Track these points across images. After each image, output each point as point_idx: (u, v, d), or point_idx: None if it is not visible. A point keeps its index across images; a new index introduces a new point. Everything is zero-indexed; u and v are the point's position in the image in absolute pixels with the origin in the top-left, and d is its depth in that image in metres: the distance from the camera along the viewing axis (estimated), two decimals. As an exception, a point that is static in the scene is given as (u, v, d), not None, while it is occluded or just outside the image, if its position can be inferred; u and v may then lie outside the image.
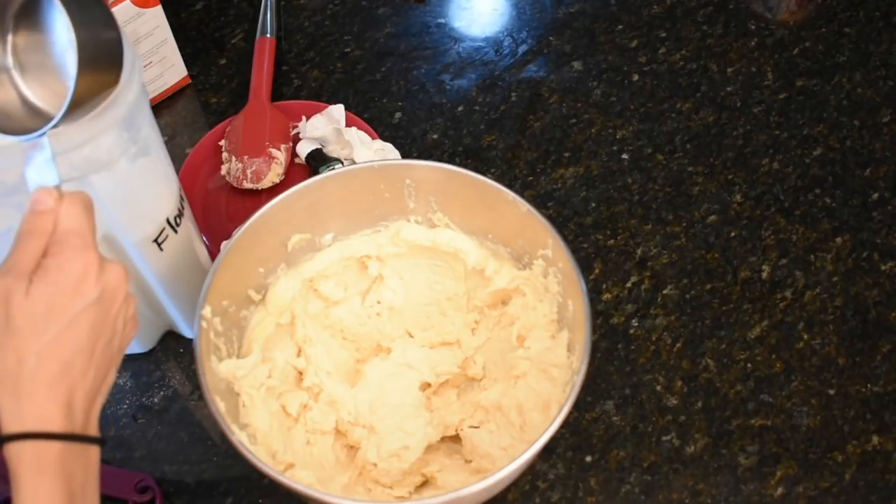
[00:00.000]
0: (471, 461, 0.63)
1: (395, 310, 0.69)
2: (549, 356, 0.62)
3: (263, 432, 0.58)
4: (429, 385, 0.67)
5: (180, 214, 0.64)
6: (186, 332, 0.72)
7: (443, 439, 0.65)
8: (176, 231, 0.63)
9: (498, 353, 0.67)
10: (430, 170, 0.65)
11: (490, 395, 0.64)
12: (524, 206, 0.61)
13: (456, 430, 0.65)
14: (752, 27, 0.97)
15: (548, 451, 0.67)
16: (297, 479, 0.55)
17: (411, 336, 0.70)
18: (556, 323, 0.63)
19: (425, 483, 0.63)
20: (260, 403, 0.59)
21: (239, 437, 0.53)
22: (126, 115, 0.53)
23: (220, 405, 0.54)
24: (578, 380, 0.54)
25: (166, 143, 0.62)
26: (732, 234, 0.80)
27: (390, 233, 0.68)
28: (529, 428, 0.60)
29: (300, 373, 0.66)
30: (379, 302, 0.69)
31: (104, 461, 0.67)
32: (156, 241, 0.62)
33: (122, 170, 0.55)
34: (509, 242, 0.66)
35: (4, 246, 0.55)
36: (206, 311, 0.57)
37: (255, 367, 0.60)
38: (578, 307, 0.58)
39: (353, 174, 0.64)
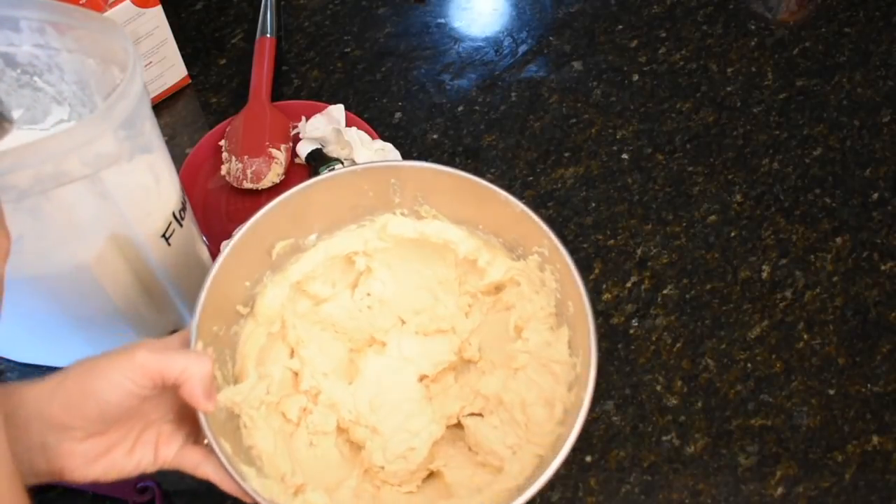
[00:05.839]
0: (476, 453, 0.63)
1: (385, 302, 0.68)
2: (550, 352, 0.61)
3: (269, 453, 0.57)
4: (426, 376, 0.67)
5: (184, 208, 0.64)
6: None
7: (445, 428, 0.64)
8: (181, 225, 0.64)
9: (493, 335, 0.66)
10: (418, 171, 0.63)
11: (490, 384, 0.63)
12: (518, 206, 0.60)
13: (457, 418, 0.64)
14: (752, 27, 0.97)
15: (548, 451, 0.67)
16: (311, 500, 0.55)
17: (403, 322, 0.68)
18: (555, 316, 0.63)
19: (431, 475, 0.63)
20: (262, 423, 0.58)
21: (252, 486, 0.51)
22: (129, 114, 0.53)
23: (225, 447, 0.52)
24: (587, 395, 0.54)
25: (166, 142, 0.62)
26: (732, 234, 0.80)
27: (376, 227, 0.65)
28: (534, 426, 0.60)
29: (295, 374, 0.65)
30: (369, 294, 0.68)
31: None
32: (164, 235, 0.62)
33: (130, 165, 0.55)
34: (501, 234, 0.64)
35: (18, 255, 0.55)
36: (199, 345, 0.55)
37: (252, 388, 0.59)
38: (579, 310, 0.58)
39: (335, 180, 0.62)
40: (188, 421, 0.54)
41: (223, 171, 0.82)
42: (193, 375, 0.49)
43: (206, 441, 0.52)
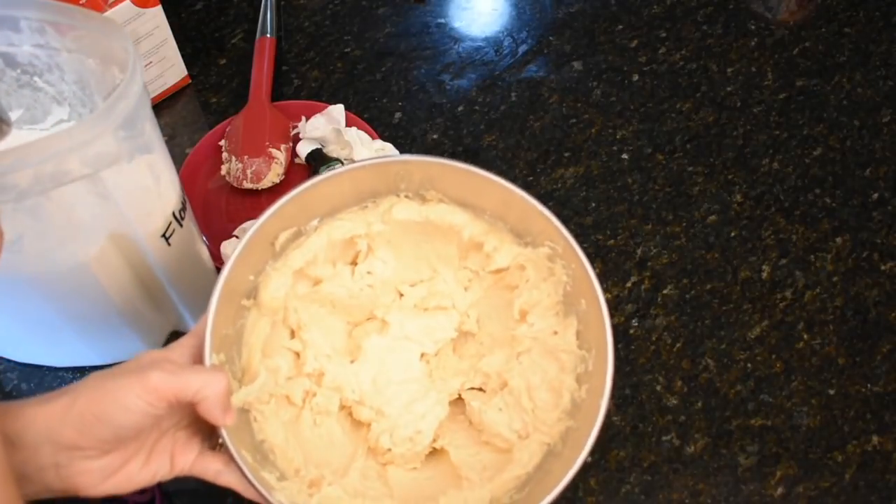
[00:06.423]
0: (479, 431, 0.63)
1: (386, 281, 0.67)
2: (556, 340, 0.61)
3: (281, 446, 0.57)
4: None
5: (184, 208, 0.64)
6: (192, 327, 0.72)
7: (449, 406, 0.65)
8: (181, 225, 0.64)
9: (493, 309, 0.66)
10: (427, 165, 0.62)
11: (491, 363, 0.63)
12: (536, 205, 0.59)
13: (458, 393, 0.64)
14: (752, 27, 0.97)
15: (548, 451, 0.67)
16: (328, 498, 0.55)
17: (401, 295, 0.67)
18: (562, 304, 0.62)
19: (435, 450, 0.63)
20: (271, 417, 0.58)
21: (276, 498, 0.51)
22: (129, 114, 0.53)
23: (247, 457, 0.52)
24: (604, 402, 0.55)
25: (166, 142, 0.62)
26: (732, 234, 0.80)
27: (380, 210, 0.64)
28: (540, 411, 0.60)
29: (297, 354, 0.64)
30: (370, 273, 0.67)
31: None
32: (164, 235, 0.62)
33: (130, 165, 0.55)
34: (509, 220, 0.63)
35: (18, 254, 0.55)
36: (214, 359, 0.54)
37: (263, 385, 0.59)
38: (594, 309, 0.58)
39: (341, 176, 0.61)
40: (203, 426, 0.53)
41: (223, 171, 0.82)
42: (209, 395, 0.48)
43: (220, 440, 0.52)
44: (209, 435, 0.54)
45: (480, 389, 0.65)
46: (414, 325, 0.66)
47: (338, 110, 0.84)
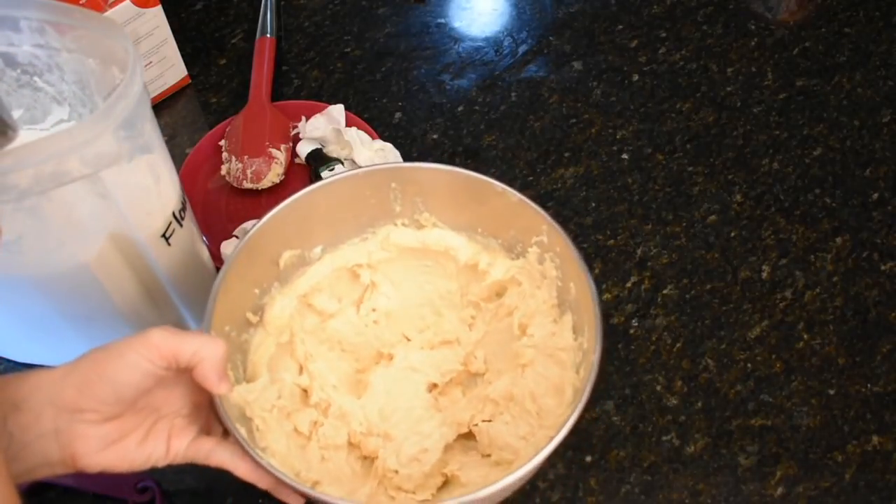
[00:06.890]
0: (489, 455, 0.63)
1: (391, 316, 0.69)
2: (555, 340, 0.61)
3: (282, 454, 0.58)
4: (435, 386, 0.67)
5: (184, 208, 0.64)
6: (193, 328, 0.72)
7: (457, 437, 0.65)
8: (181, 225, 0.64)
9: (498, 344, 0.67)
10: (415, 170, 0.65)
11: (498, 388, 0.63)
12: (514, 195, 0.61)
13: (468, 427, 0.64)
14: (752, 27, 0.97)
15: (548, 451, 0.67)
16: (328, 493, 0.55)
17: (408, 340, 0.69)
18: (557, 307, 0.63)
19: (446, 482, 0.63)
20: (274, 426, 0.59)
21: (269, 461, 0.52)
22: (129, 114, 0.53)
23: (241, 431, 0.53)
24: (595, 359, 0.54)
25: (166, 142, 0.62)
26: (732, 234, 0.80)
27: (378, 239, 0.67)
28: (546, 414, 0.60)
29: (305, 391, 0.65)
30: (374, 310, 0.69)
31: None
32: (164, 235, 0.62)
33: (129, 166, 0.55)
34: (500, 234, 0.66)
35: (18, 255, 0.55)
36: (213, 335, 0.55)
37: (264, 389, 0.59)
38: (582, 288, 0.58)
39: (339, 183, 0.64)
40: (201, 416, 0.55)
41: (223, 171, 0.82)
42: (206, 357, 0.50)
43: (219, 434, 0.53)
44: (206, 425, 0.55)
45: (489, 421, 0.65)
46: (419, 357, 0.67)
47: (338, 110, 0.84)
